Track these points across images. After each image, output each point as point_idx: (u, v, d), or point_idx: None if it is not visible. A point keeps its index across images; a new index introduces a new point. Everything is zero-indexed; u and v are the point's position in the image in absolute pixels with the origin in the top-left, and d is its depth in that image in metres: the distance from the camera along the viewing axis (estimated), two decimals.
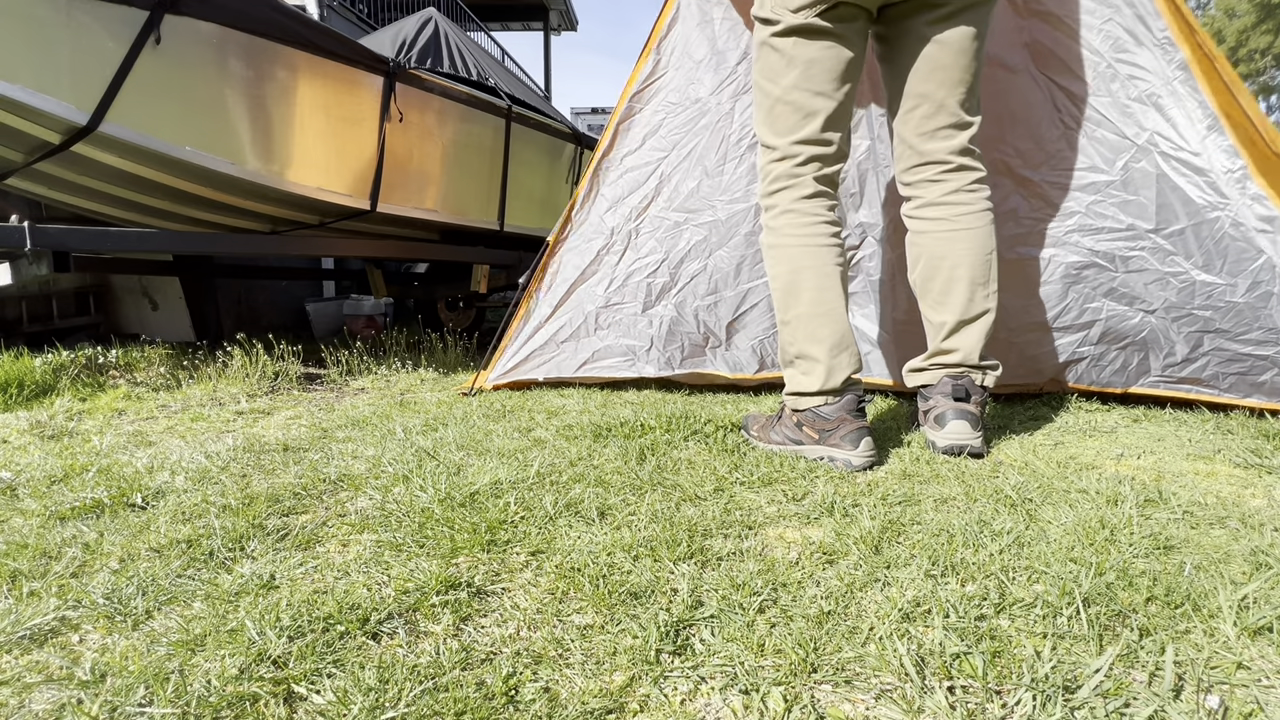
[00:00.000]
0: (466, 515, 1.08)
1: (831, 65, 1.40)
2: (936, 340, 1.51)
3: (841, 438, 1.38)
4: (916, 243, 1.53)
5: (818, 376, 1.43)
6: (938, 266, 1.49)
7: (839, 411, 1.40)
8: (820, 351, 1.43)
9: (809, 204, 1.46)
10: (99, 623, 0.81)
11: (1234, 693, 0.64)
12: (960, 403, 1.44)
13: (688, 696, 0.66)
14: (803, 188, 1.45)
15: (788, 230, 1.46)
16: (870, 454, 1.37)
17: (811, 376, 1.44)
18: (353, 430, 1.74)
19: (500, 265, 3.65)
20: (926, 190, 1.50)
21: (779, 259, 1.48)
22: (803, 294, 1.44)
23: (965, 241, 1.47)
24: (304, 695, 0.66)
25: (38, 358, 2.70)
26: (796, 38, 1.39)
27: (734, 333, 2.11)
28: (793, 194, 1.46)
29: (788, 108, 1.43)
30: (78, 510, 1.18)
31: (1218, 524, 1.03)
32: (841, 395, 1.42)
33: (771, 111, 1.47)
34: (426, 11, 3.55)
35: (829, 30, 1.38)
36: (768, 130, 1.48)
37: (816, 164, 1.45)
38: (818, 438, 1.41)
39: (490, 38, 10.93)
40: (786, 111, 1.44)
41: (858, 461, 1.36)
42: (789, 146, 1.45)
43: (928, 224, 1.50)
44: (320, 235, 3.02)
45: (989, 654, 0.69)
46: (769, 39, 1.43)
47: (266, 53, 2.36)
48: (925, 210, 1.51)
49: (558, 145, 3.83)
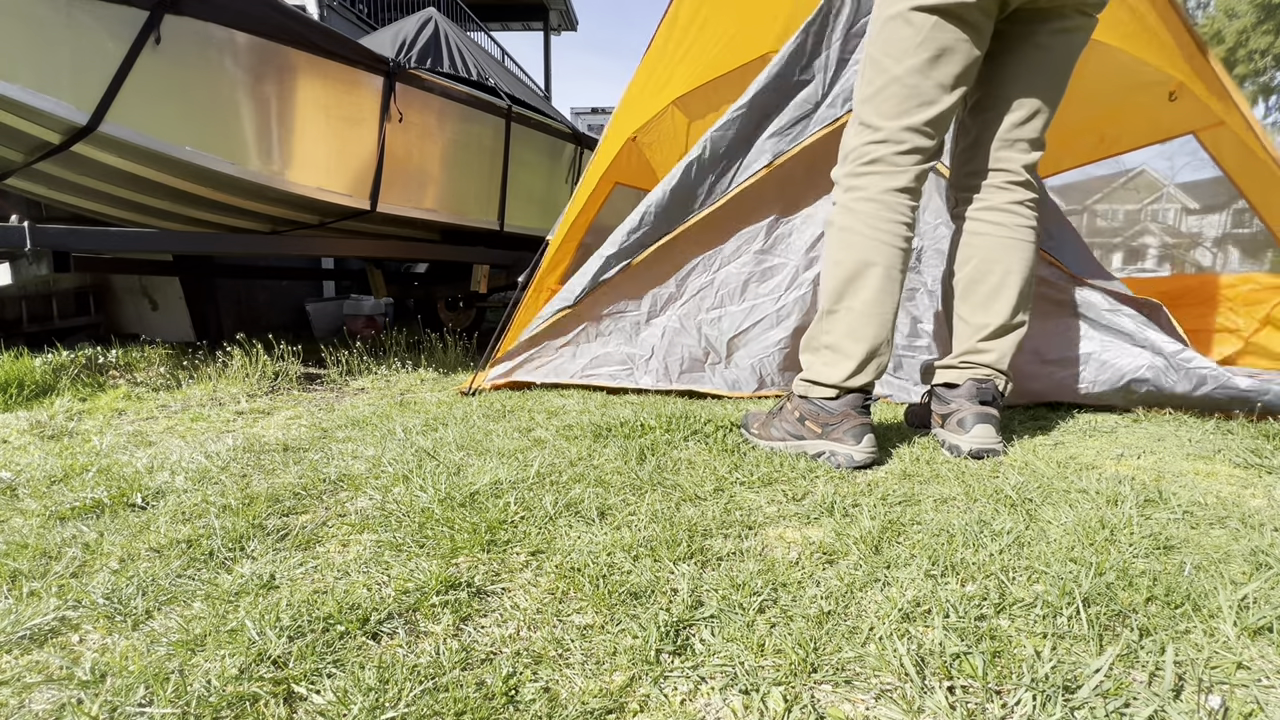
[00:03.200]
0: (466, 515, 1.08)
1: (961, 60, 1.34)
2: (971, 340, 1.49)
3: (844, 433, 1.36)
4: (970, 244, 1.49)
5: (842, 370, 1.40)
6: (990, 270, 1.46)
7: (844, 407, 1.38)
8: (857, 350, 1.39)
9: (897, 199, 1.39)
10: (99, 623, 0.81)
11: (1234, 693, 0.64)
12: (985, 406, 1.43)
13: (688, 696, 0.66)
14: (898, 178, 1.38)
15: (868, 219, 1.39)
16: (872, 451, 1.35)
17: (835, 369, 1.41)
18: (353, 430, 1.74)
19: (500, 265, 3.66)
20: (992, 195, 1.47)
21: (848, 245, 1.41)
22: (862, 291, 1.40)
23: (1021, 252, 1.45)
24: (304, 695, 0.66)
25: (38, 358, 2.70)
26: (938, 18, 1.31)
27: (735, 349, 2.11)
28: (886, 182, 1.39)
29: (904, 90, 1.35)
30: (78, 510, 1.18)
31: (1218, 524, 1.03)
32: (852, 393, 1.40)
33: (883, 91, 1.38)
34: (426, 11, 3.56)
35: (970, 21, 1.31)
36: (872, 110, 1.40)
37: (918, 156, 1.38)
38: (820, 432, 1.39)
39: (490, 38, 10.93)
40: (901, 94, 1.36)
41: (859, 457, 1.34)
42: (896, 131, 1.37)
43: (988, 227, 1.47)
44: (320, 235, 3.02)
45: (989, 654, 0.69)
46: (906, 11, 1.33)
47: (266, 53, 2.36)
48: (987, 214, 1.48)
49: (558, 145, 3.83)
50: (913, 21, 1.33)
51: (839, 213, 1.44)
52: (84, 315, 3.91)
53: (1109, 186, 4.07)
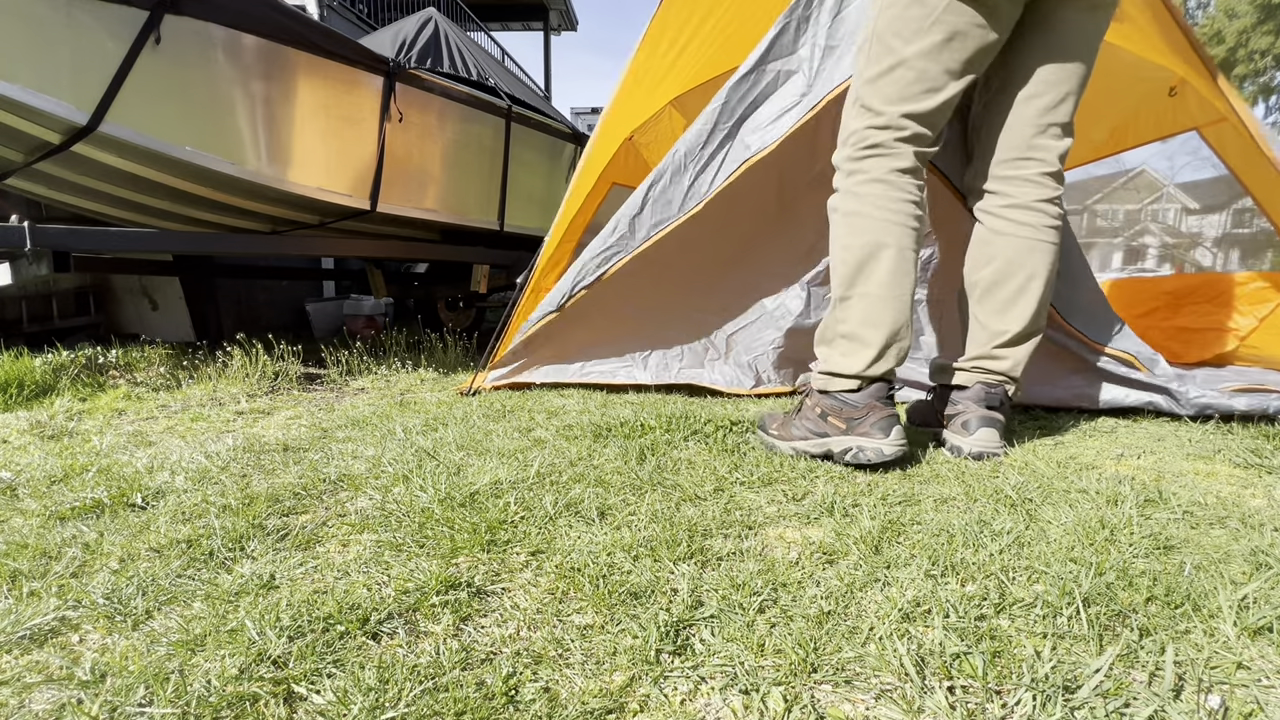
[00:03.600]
0: (466, 515, 1.08)
1: (973, 45, 1.28)
2: (987, 345, 1.44)
3: (872, 425, 1.30)
4: (993, 243, 1.44)
5: (862, 359, 1.34)
6: (1012, 274, 1.41)
7: (869, 399, 1.32)
8: (876, 337, 1.34)
9: (904, 179, 1.35)
10: (99, 623, 0.81)
11: (1234, 693, 0.64)
12: (992, 411, 1.41)
13: (688, 696, 0.66)
14: (901, 159, 1.34)
15: (875, 201, 1.35)
16: (902, 443, 1.29)
17: (854, 359, 1.35)
18: (353, 430, 1.74)
19: (500, 265, 3.66)
20: (1020, 191, 1.41)
21: (858, 229, 1.36)
22: (876, 274, 1.34)
23: (1045, 254, 1.40)
24: (304, 695, 0.66)
25: (38, 358, 2.70)
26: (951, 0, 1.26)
27: (733, 346, 2.11)
28: (889, 163, 1.35)
29: (910, 74, 1.30)
30: (78, 510, 1.18)
31: (1218, 524, 1.03)
32: (874, 383, 1.35)
33: (889, 73, 1.32)
34: (426, 11, 3.55)
35: (989, 4, 1.26)
36: (874, 92, 1.35)
37: (918, 144, 1.35)
38: (845, 428, 1.33)
39: (490, 38, 10.93)
40: (908, 78, 1.31)
41: (889, 451, 1.28)
42: (897, 117, 1.33)
43: (1013, 226, 1.42)
44: (320, 235, 3.02)
45: (989, 654, 0.69)
46: None
47: (266, 53, 2.36)
48: (1013, 212, 1.42)
49: (558, 145, 3.83)
50: (925, 1, 1.28)
51: (843, 198, 1.40)
52: (84, 315, 3.91)
53: (1109, 186, 4.07)
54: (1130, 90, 2.36)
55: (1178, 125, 2.41)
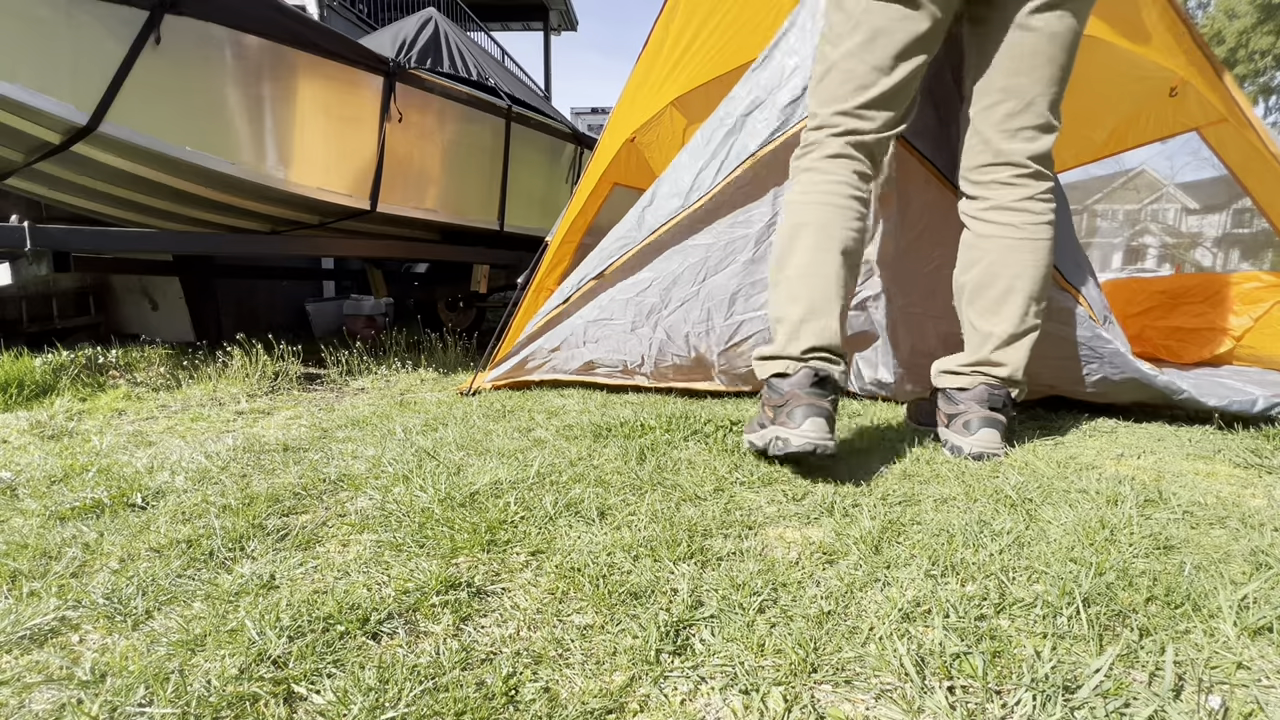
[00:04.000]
0: (466, 515, 1.08)
1: (899, 39, 1.31)
2: (984, 350, 1.45)
3: (788, 414, 1.23)
4: (978, 245, 1.46)
5: (781, 338, 1.32)
6: (997, 275, 1.42)
7: (792, 386, 1.27)
8: (793, 312, 1.31)
9: (831, 164, 1.37)
10: (99, 623, 0.81)
11: (1234, 693, 0.64)
12: (994, 412, 1.41)
13: (688, 696, 0.66)
14: (828, 147, 1.38)
15: (802, 187, 1.38)
16: (813, 436, 1.19)
17: (777, 340, 1.34)
18: (353, 430, 1.74)
19: (500, 265, 3.66)
20: (998, 193, 1.42)
21: (785, 216, 1.39)
22: (795, 254, 1.35)
23: (1030, 253, 1.40)
24: (304, 695, 0.66)
25: (38, 358, 2.70)
26: (868, 1, 1.30)
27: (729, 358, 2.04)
28: (818, 153, 1.39)
29: (840, 75, 1.35)
30: (78, 510, 1.18)
31: (1218, 524, 1.03)
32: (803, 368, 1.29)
33: (823, 79, 1.38)
34: (426, 11, 3.56)
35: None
36: (812, 98, 1.41)
37: (852, 136, 1.37)
38: (773, 416, 1.28)
39: (490, 38, 10.94)
40: (838, 80, 1.35)
41: (796, 442, 1.19)
42: (829, 116, 1.37)
43: (994, 228, 1.43)
44: (320, 235, 3.02)
45: (989, 654, 0.69)
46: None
47: (266, 53, 2.36)
48: (993, 214, 1.43)
49: (558, 145, 3.83)
50: (844, 6, 1.34)
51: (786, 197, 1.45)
52: (84, 315, 3.91)
53: (1109, 186, 4.07)
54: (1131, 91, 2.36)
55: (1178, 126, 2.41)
